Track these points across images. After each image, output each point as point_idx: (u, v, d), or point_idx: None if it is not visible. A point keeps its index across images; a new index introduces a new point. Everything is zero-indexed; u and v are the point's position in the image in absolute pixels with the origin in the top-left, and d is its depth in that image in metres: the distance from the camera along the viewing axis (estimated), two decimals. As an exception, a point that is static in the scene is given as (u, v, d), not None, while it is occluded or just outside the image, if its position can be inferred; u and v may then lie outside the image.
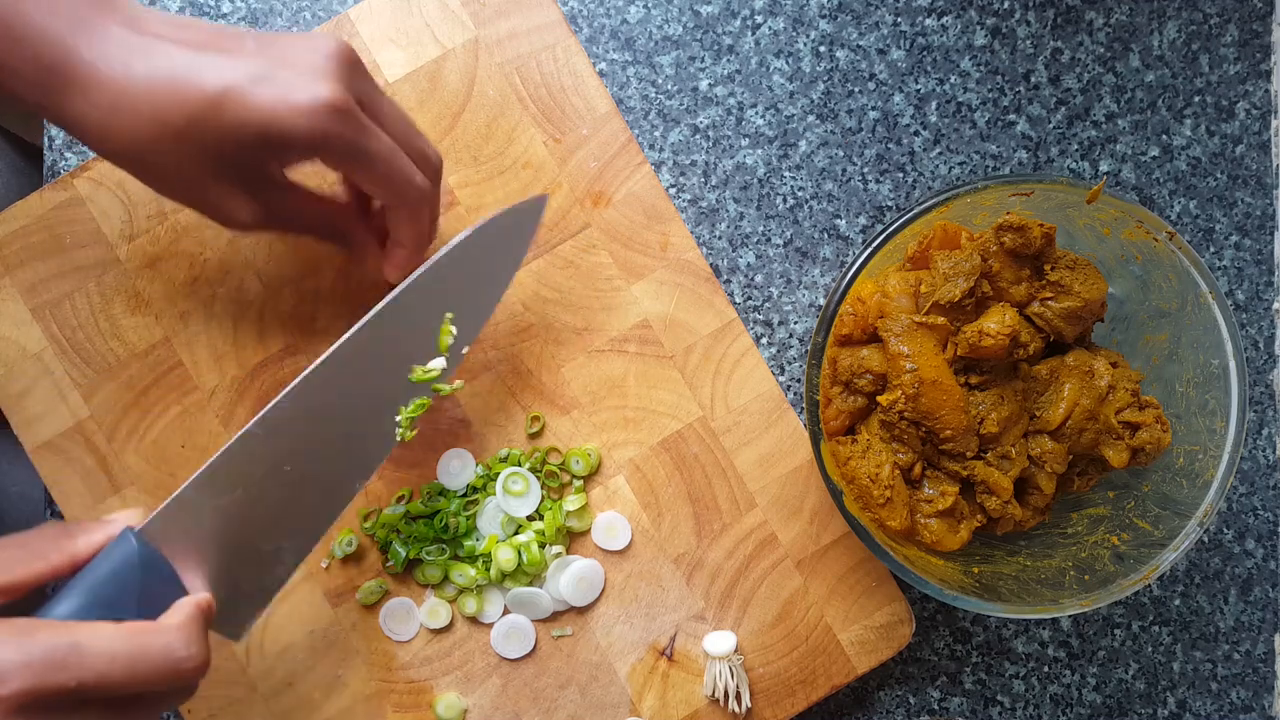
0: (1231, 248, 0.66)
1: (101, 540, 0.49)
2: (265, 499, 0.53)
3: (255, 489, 0.52)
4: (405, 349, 0.55)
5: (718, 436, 0.62)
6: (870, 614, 0.62)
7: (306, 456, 0.53)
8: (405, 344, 0.55)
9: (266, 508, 0.53)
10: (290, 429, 0.53)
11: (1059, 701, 0.65)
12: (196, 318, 0.61)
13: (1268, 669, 0.66)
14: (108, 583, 0.48)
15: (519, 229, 0.58)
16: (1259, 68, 0.66)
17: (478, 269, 0.56)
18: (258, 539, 0.53)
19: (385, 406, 0.55)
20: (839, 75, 0.65)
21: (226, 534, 0.52)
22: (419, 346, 0.55)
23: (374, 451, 0.55)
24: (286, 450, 0.53)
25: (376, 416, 0.55)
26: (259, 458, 0.52)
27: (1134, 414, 0.56)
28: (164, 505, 0.51)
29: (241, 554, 0.53)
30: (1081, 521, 0.59)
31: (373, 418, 0.55)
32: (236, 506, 0.52)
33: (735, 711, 0.61)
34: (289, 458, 0.53)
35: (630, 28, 0.64)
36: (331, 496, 0.54)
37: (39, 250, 0.60)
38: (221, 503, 0.52)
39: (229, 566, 0.52)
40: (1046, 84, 0.66)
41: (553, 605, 0.61)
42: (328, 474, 0.54)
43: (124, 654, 0.43)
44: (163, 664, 0.44)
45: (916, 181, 0.65)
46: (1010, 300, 0.56)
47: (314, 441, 0.53)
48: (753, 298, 0.65)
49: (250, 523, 0.53)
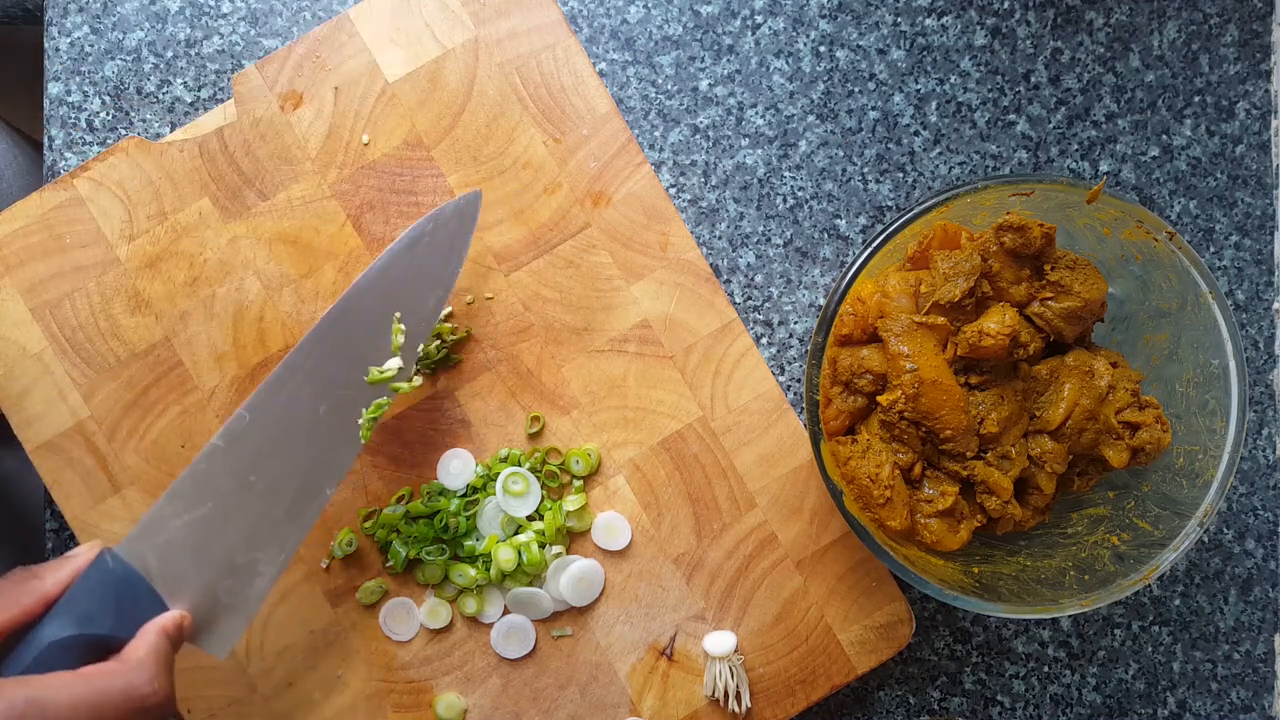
0: (1231, 248, 0.66)
1: (69, 576, 0.49)
2: (236, 511, 0.53)
3: (225, 501, 0.53)
4: (360, 352, 0.56)
5: (718, 436, 0.62)
6: (870, 614, 0.62)
7: (272, 466, 0.54)
8: (359, 348, 0.56)
9: (238, 520, 0.53)
10: (252, 439, 0.53)
11: (1059, 701, 0.65)
12: (196, 318, 0.61)
13: (1268, 669, 0.66)
14: (86, 606, 0.48)
15: (458, 226, 0.58)
16: (1259, 68, 0.66)
17: (421, 269, 0.57)
18: (233, 552, 0.53)
19: (347, 411, 0.55)
20: (839, 75, 0.65)
21: (201, 549, 0.53)
22: (373, 349, 0.56)
23: (340, 456, 0.55)
24: (251, 461, 0.53)
25: (339, 421, 0.55)
26: (224, 470, 0.53)
27: (1134, 414, 0.56)
28: (138, 524, 0.51)
29: (218, 568, 0.53)
30: (1081, 521, 0.59)
31: (335, 423, 0.55)
32: (208, 520, 0.53)
33: (735, 711, 0.61)
34: (254, 468, 0.53)
35: (630, 28, 0.64)
36: (302, 504, 0.55)
37: (39, 250, 0.60)
38: (193, 517, 0.52)
39: (207, 581, 0.53)
40: (1046, 84, 0.66)
41: (553, 605, 0.61)
42: (295, 482, 0.54)
43: (85, 701, 0.43)
44: (125, 704, 0.44)
45: (916, 181, 0.65)
46: (1010, 300, 0.56)
47: (278, 450, 0.54)
48: (753, 298, 0.65)
49: (224, 536, 0.53)
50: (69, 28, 0.63)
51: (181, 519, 0.52)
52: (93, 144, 0.63)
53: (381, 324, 0.56)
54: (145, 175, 0.61)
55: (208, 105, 0.64)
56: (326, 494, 0.55)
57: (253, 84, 0.61)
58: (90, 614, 0.48)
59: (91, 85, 0.63)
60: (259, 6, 0.64)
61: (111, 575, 0.50)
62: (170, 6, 0.64)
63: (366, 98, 0.62)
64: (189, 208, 0.61)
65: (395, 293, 0.56)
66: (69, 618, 0.48)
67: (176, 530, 0.52)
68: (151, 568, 0.51)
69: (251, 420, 0.53)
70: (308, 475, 0.55)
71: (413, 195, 0.62)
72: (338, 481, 0.55)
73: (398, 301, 0.56)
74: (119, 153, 0.61)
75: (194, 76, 0.64)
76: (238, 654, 0.61)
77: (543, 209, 0.62)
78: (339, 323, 0.55)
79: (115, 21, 0.63)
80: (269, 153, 0.61)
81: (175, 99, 0.64)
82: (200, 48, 0.64)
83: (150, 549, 0.52)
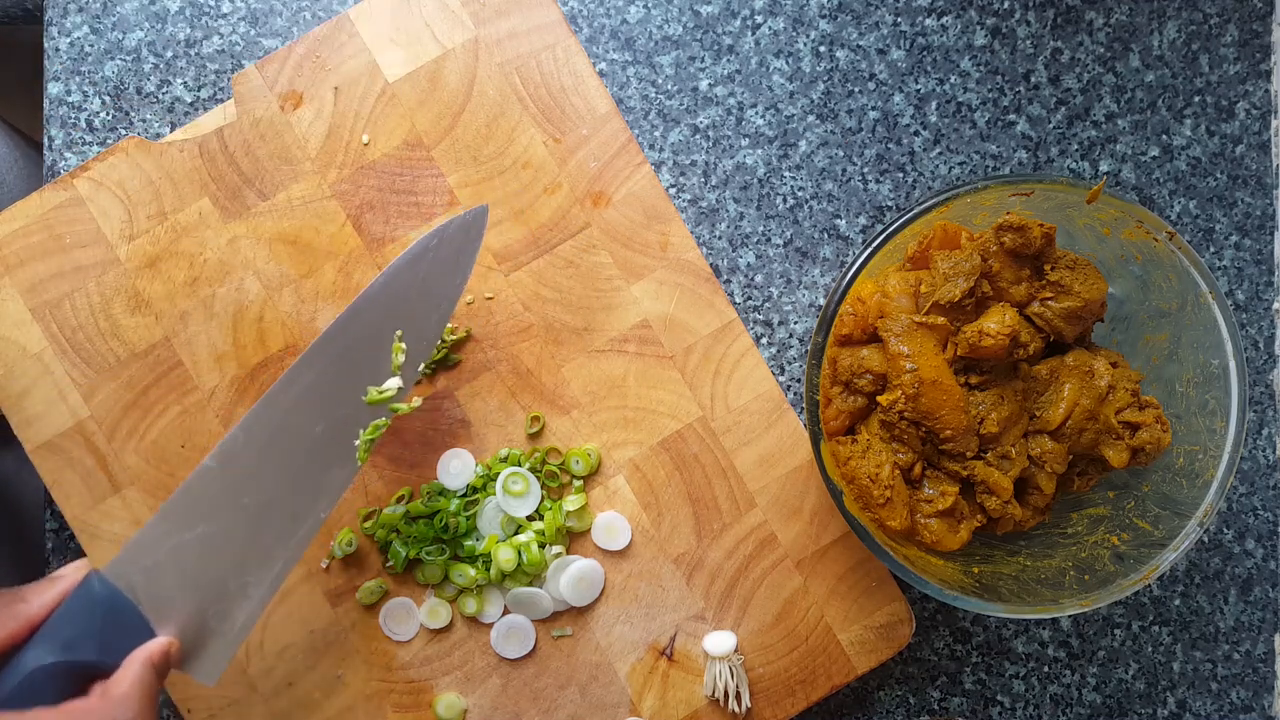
0: (1231, 248, 0.66)
1: (54, 598, 0.48)
2: (228, 533, 0.51)
3: (216, 524, 0.51)
4: (359, 371, 0.54)
5: (718, 436, 0.62)
6: (870, 614, 0.62)
7: (266, 488, 0.52)
8: (359, 366, 0.54)
9: (230, 542, 0.52)
10: (246, 460, 0.52)
11: (1059, 701, 0.65)
12: (196, 318, 0.61)
13: (1268, 669, 0.66)
14: (71, 631, 0.47)
15: (464, 242, 0.56)
16: (1259, 68, 0.66)
17: (425, 286, 0.55)
18: (223, 576, 0.51)
19: (343, 431, 0.53)
20: (839, 75, 0.65)
21: (191, 572, 0.51)
22: (373, 367, 0.54)
23: (336, 479, 0.54)
24: (245, 482, 0.52)
25: (335, 442, 0.53)
26: (217, 491, 0.51)
27: (1134, 414, 0.56)
28: (126, 545, 0.50)
29: (208, 591, 0.51)
30: (1081, 521, 0.59)
31: (332, 444, 0.53)
32: (199, 543, 0.51)
33: (735, 711, 0.61)
34: (248, 490, 0.52)
35: (630, 28, 0.64)
36: (295, 527, 0.53)
37: (39, 250, 0.60)
38: (183, 539, 0.51)
39: (196, 605, 0.51)
40: (1046, 84, 0.66)
41: (553, 605, 0.61)
42: (290, 504, 0.53)
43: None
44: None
45: (916, 181, 0.65)
46: (1010, 300, 0.56)
47: (272, 472, 0.52)
48: (753, 298, 0.65)
49: (214, 559, 0.51)
50: (69, 28, 0.63)
51: (171, 541, 0.50)
52: (93, 144, 0.63)
53: (382, 342, 0.54)
54: (145, 175, 0.61)
55: (208, 105, 0.64)
56: (321, 516, 0.53)
57: (253, 84, 0.61)
58: (75, 640, 0.47)
59: (91, 85, 0.63)
60: (259, 6, 0.64)
61: (98, 599, 0.48)
62: (170, 6, 0.64)
63: (366, 98, 0.62)
64: (189, 208, 0.61)
65: (397, 310, 0.54)
66: (53, 643, 0.46)
67: (166, 552, 0.50)
68: (139, 591, 0.50)
69: (245, 440, 0.52)
70: (302, 497, 0.53)
71: (413, 195, 0.62)
72: (333, 504, 0.54)
73: (399, 319, 0.54)
74: (119, 153, 0.61)
75: (194, 76, 0.64)
76: (238, 654, 0.61)
77: (543, 209, 0.62)
78: (338, 340, 0.53)
79: (115, 21, 0.63)
80: (269, 153, 0.61)
81: (175, 99, 0.64)
82: (200, 48, 0.64)
83: (138, 571, 0.50)
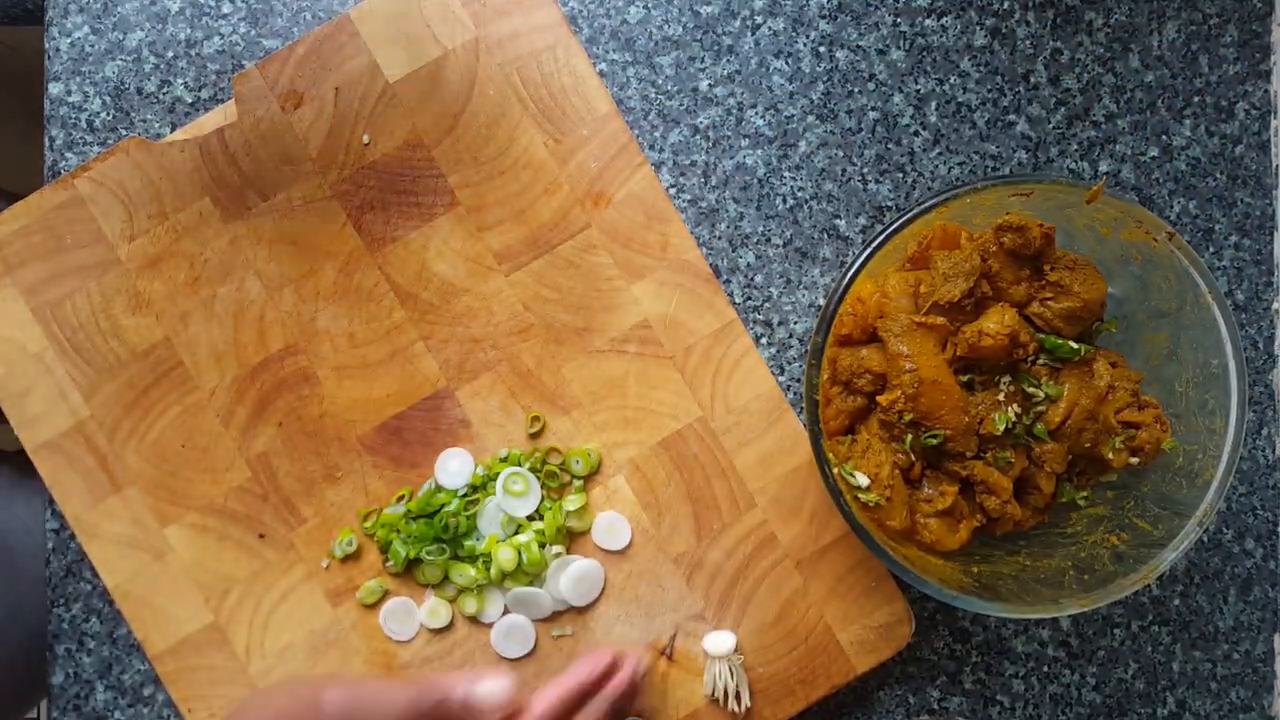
0: (1231, 248, 0.67)
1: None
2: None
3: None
4: None
5: (718, 436, 0.62)
6: (870, 614, 0.62)
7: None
8: None
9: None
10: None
11: (1059, 701, 0.65)
12: (196, 318, 0.61)
13: (1267, 669, 0.66)
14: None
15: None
16: (1259, 68, 0.67)
17: None
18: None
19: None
20: (839, 75, 0.65)
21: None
22: None
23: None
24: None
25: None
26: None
27: (1134, 414, 0.56)
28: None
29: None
30: (1081, 521, 0.59)
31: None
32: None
33: (735, 711, 0.61)
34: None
35: (630, 28, 0.64)
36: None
37: (39, 250, 0.60)
38: None
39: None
40: (1046, 84, 0.66)
41: (553, 605, 0.61)
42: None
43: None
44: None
45: (916, 181, 0.65)
46: (1010, 300, 0.56)
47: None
48: (753, 298, 0.65)
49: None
50: (69, 28, 0.63)
51: None
52: (93, 144, 0.63)
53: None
54: (146, 175, 0.61)
55: (208, 105, 0.64)
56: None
57: (253, 84, 0.61)
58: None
59: (92, 85, 0.63)
60: (259, 6, 0.64)
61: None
62: (170, 6, 0.64)
63: (367, 98, 0.62)
64: (189, 208, 0.61)
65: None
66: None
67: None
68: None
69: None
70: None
71: (413, 195, 0.62)
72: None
73: None
74: (119, 153, 0.61)
75: (194, 77, 0.64)
76: (238, 654, 0.61)
77: (543, 209, 0.62)
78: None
79: (115, 22, 0.63)
80: (269, 153, 0.61)
81: (175, 99, 0.64)
82: (200, 48, 0.64)
83: None
